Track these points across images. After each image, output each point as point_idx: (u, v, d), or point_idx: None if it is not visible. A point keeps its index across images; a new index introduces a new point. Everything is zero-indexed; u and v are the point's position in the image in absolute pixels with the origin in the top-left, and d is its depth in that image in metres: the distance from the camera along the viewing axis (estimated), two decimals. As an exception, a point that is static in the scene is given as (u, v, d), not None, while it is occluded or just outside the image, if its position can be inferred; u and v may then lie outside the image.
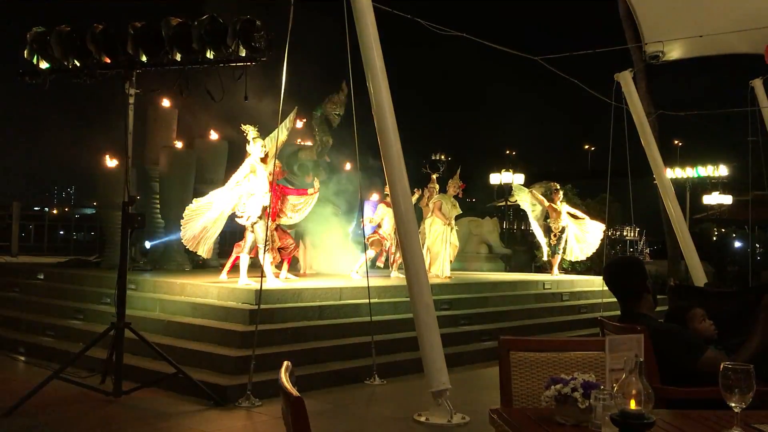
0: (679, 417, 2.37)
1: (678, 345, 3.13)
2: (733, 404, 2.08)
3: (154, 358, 6.35)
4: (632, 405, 1.98)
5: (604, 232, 13.66)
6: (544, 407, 2.34)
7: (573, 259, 13.83)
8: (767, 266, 20.68)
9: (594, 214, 15.63)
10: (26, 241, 20.38)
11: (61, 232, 23.11)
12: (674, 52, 9.46)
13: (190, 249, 8.55)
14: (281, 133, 8.57)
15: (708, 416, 2.32)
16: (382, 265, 11.15)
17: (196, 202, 8.48)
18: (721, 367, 2.09)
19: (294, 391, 1.82)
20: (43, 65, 6.10)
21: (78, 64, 6.00)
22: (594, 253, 13.54)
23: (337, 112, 11.38)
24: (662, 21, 9.07)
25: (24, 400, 5.38)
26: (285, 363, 2.09)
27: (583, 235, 13.20)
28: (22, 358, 7.63)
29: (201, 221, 8.33)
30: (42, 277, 10.15)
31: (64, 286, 9.59)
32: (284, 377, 1.97)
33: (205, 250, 8.49)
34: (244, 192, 8.25)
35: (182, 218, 8.41)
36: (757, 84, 11.03)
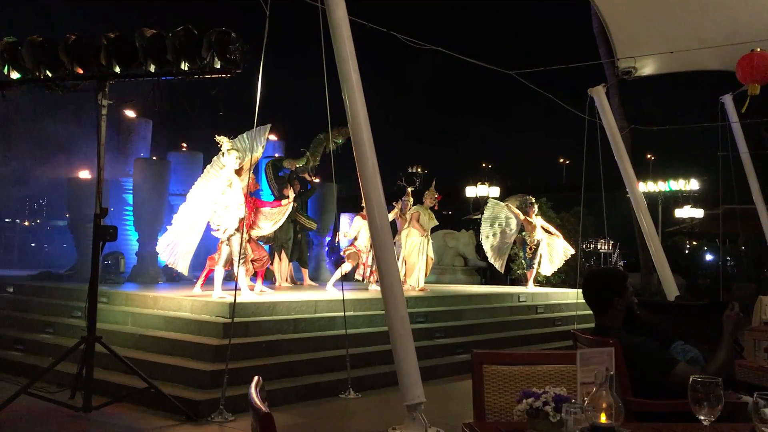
0: (648, 430, 2.39)
1: (649, 359, 3.15)
2: (702, 417, 2.09)
3: (125, 373, 6.25)
4: (603, 418, 1.99)
5: (578, 245, 13.78)
6: (516, 421, 2.34)
7: (543, 274, 13.94)
8: (739, 279, 20.98)
9: (568, 227, 15.79)
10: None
11: (33, 244, 22.78)
12: (646, 68, 9.62)
13: (170, 265, 8.40)
14: (256, 149, 8.51)
15: (677, 429, 2.34)
16: (360, 278, 11.12)
17: (176, 216, 8.34)
18: (690, 380, 2.11)
19: (263, 407, 1.80)
20: (14, 75, 6.02)
21: (50, 75, 5.94)
22: (567, 265, 13.64)
23: (338, 141, 11.46)
24: (635, 37, 9.22)
25: (-10, 416, 5.27)
26: (255, 378, 2.07)
27: (551, 252, 13.31)
28: (-10, 373, 7.47)
29: (180, 235, 8.20)
30: (11, 290, 9.96)
31: (34, 299, 9.42)
32: (254, 392, 1.95)
33: (185, 266, 8.33)
34: (220, 204, 8.18)
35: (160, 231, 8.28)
36: (728, 99, 11.26)
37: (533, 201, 13.49)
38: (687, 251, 29.78)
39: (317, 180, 12.85)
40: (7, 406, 5.35)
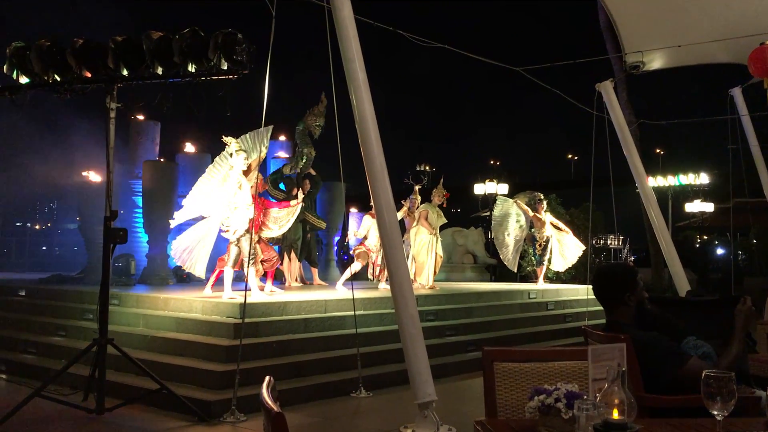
0: (661, 425, 2.37)
1: (661, 354, 3.13)
2: (715, 412, 2.08)
3: (137, 374, 6.29)
4: (615, 414, 1.99)
5: (588, 241, 13.74)
6: (528, 418, 2.34)
7: (554, 270, 13.90)
8: (750, 273, 20.86)
9: (578, 223, 15.73)
10: (8, 256, 20.17)
11: (44, 247, 22.88)
12: (654, 63, 9.58)
13: (187, 269, 8.39)
14: (260, 149, 8.51)
15: (690, 424, 2.33)
16: (372, 277, 11.11)
17: (181, 217, 8.32)
18: (703, 374, 2.10)
19: (275, 407, 1.80)
20: (23, 80, 6.05)
21: (58, 79, 5.97)
22: (577, 261, 13.60)
23: (318, 124, 11.46)
24: (642, 32, 9.18)
25: (5, 419, 5.30)
26: (267, 378, 2.08)
27: (562, 248, 13.27)
28: (4, 376, 7.52)
29: (197, 240, 8.20)
30: (23, 293, 10.02)
31: (45, 302, 9.47)
32: (266, 392, 1.95)
33: (202, 270, 8.31)
34: (229, 206, 8.18)
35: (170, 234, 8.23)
36: (737, 92, 11.19)
37: (542, 197, 13.46)
38: (698, 246, 29.60)
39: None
40: (20, 409, 5.38)
